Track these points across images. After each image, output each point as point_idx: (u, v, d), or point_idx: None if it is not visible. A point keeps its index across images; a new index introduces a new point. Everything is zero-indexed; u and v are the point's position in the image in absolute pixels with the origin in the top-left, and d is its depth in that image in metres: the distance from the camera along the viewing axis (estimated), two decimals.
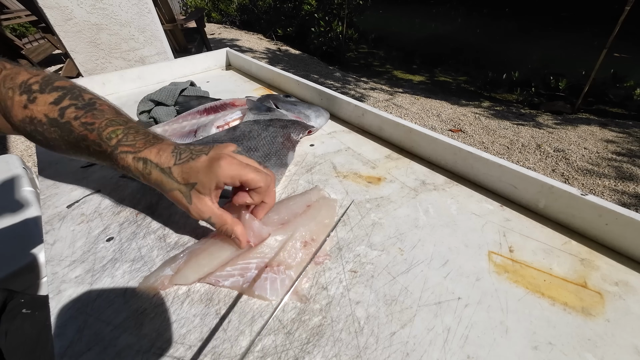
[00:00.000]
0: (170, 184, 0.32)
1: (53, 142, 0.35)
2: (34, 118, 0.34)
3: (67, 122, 0.34)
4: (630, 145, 2.31)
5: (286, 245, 0.33)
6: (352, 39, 4.73)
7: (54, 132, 0.34)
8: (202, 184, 0.31)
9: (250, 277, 0.31)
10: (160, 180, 0.32)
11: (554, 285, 0.31)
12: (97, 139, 0.33)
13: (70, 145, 0.35)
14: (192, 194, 0.31)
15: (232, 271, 0.32)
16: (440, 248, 0.35)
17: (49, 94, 0.35)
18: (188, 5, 6.03)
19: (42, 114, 0.34)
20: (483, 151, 0.42)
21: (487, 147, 2.30)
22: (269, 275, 0.31)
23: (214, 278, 0.31)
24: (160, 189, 0.33)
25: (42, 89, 0.35)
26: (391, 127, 0.52)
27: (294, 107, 0.60)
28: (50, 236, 0.38)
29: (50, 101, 0.34)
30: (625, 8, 2.40)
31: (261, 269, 0.32)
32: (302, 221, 0.36)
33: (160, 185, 0.32)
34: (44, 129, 0.35)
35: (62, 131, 0.34)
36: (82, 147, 0.34)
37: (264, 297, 0.30)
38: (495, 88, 3.76)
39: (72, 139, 0.34)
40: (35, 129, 0.35)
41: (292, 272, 0.32)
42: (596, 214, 0.34)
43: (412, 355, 0.26)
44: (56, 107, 0.34)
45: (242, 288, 0.31)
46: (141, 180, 0.33)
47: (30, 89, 0.34)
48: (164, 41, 1.31)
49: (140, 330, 0.28)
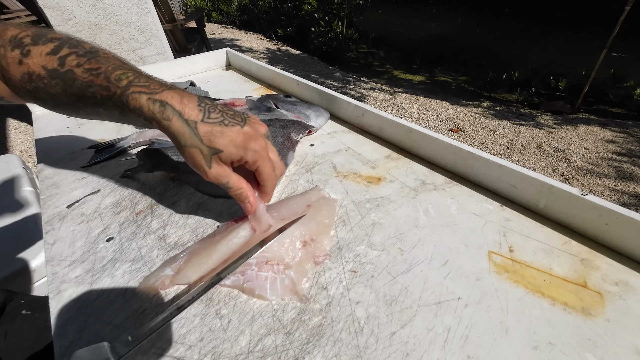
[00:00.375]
0: (192, 140, 0.29)
1: (57, 98, 0.32)
2: (32, 73, 0.31)
3: (69, 71, 0.31)
4: (630, 145, 2.31)
5: (284, 242, 0.34)
6: (352, 39, 4.73)
7: (56, 86, 0.31)
8: (227, 154, 0.30)
9: (250, 275, 0.31)
10: (180, 132, 0.29)
11: (554, 285, 0.31)
12: (104, 83, 0.30)
13: (75, 97, 0.32)
14: (214, 159, 0.30)
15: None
16: (440, 248, 0.35)
17: (44, 45, 0.32)
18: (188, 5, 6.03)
19: (40, 67, 0.31)
20: (483, 151, 0.42)
21: (487, 147, 2.30)
22: (269, 275, 0.31)
23: None
24: (175, 140, 0.30)
25: (35, 41, 0.32)
26: (391, 127, 0.52)
27: (294, 107, 0.60)
28: (50, 236, 0.38)
29: (46, 52, 0.31)
30: (625, 8, 2.40)
31: (261, 266, 0.32)
32: (302, 220, 0.36)
33: (179, 136, 0.29)
34: (44, 83, 0.31)
35: (64, 82, 0.31)
36: (87, 95, 0.31)
37: (264, 297, 0.30)
38: (495, 88, 3.76)
39: (75, 88, 0.31)
40: (37, 85, 0.32)
41: (292, 272, 0.32)
42: (596, 214, 0.34)
43: (412, 355, 0.26)
44: (54, 56, 0.31)
45: (243, 287, 0.31)
46: (153, 125, 0.30)
47: (22, 43, 0.31)
48: (164, 41, 1.31)
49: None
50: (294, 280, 0.31)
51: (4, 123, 2.32)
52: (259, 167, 0.32)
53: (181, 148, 0.30)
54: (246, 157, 0.31)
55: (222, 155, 0.30)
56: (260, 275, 0.31)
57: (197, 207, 0.41)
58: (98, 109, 0.32)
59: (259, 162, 0.31)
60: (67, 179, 0.48)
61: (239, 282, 0.31)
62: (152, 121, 0.30)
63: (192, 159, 0.30)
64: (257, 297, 0.31)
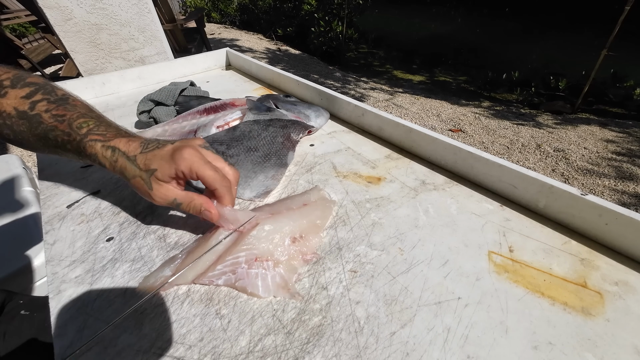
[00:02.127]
0: (133, 170, 0.32)
1: (20, 136, 0.36)
2: (2, 112, 0.34)
3: (37, 115, 0.34)
4: (630, 145, 2.31)
5: (274, 238, 0.34)
6: (352, 39, 4.73)
7: (22, 125, 0.35)
8: (161, 170, 0.31)
9: (241, 273, 0.32)
10: (124, 167, 0.32)
11: (554, 285, 0.31)
12: (66, 129, 0.34)
13: (38, 137, 0.35)
14: (152, 180, 0.32)
15: (223, 268, 0.32)
16: (440, 248, 0.35)
17: (21, 89, 0.35)
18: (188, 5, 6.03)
19: (12, 107, 0.34)
20: (483, 151, 0.42)
21: (487, 147, 2.30)
22: (259, 272, 0.32)
23: (207, 279, 0.31)
24: (124, 177, 0.33)
25: (13, 84, 0.35)
26: (391, 127, 0.52)
27: (294, 107, 0.60)
28: (50, 236, 0.38)
29: (21, 95, 0.35)
30: (625, 8, 2.40)
31: (251, 263, 0.32)
32: (293, 216, 0.36)
33: (124, 172, 0.32)
34: (12, 122, 0.35)
35: (31, 123, 0.34)
36: (49, 138, 0.34)
37: (256, 294, 0.30)
38: (495, 88, 3.76)
39: (40, 131, 0.34)
40: (4, 122, 0.35)
41: (282, 269, 0.32)
42: (596, 213, 0.34)
43: (412, 355, 0.26)
44: (27, 100, 0.35)
45: (235, 286, 0.31)
46: (107, 168, 0.33)
47: (1, 84, 0.35)
48: (164, 41, 1.31)
49: (140, 330, 0.28)
50: (284, 277, 0.32)
51: None
52: (197, 172, 0.31)
53: (129, 181, 0.33)
54: (179, 167, 0.31)
55: (157, 174, 0.31)
56: (251, 273, 0.32)
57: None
58: (57, 150, 0.36)
59: (194, 167, 0.31)
60: (67, 179, 0.48)
61: (231, 281, 0.31)
62: (105, 164, 0.33)
63: (138, 187, 0.33)
64: (250, 295, 0.31)
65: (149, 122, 0.60)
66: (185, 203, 0.32)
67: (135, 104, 0.62)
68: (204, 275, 0.32)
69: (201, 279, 0.32)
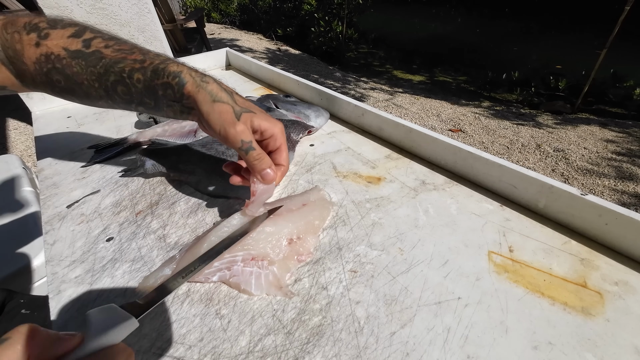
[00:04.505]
0: (227, 98, 0.31)
1: (74, 78, 0.32)
2: (51, 54, 0.31)
3: (96, 52, 0.31)
4: (630, 145, 2.31)
5: (272, 239, 0.34)
6: (352, 39, 4.73)
7: (76, 66, 0.31)
8: (259, 117, 0.32)
9: (236, 270, 0.32)
10: (215, 92, 0.31)
11: (554, 285, 0.31)
12: (139, 57, 0.31)
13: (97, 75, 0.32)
14: (243, 117, 0.31)
15: (220, 265, 0.32)
16: (440, 248, 0.35)
17: (64, 29, 0.32)
18: (188, 5, 6.03)
19: (60, 48, 0.31)
20: (483, 151, 0.42)
21: (487, 147, 2.30)
22: (254, 270, 0.32)
23: (204, 276, 0.32)
24: (206, 98, 0.30)
25: (52, 26, 0.32)
26: (391, 127, 0.52)
27: (294, 107, 0.60)
28: (50, 236, 0.38)
29: (67, 35, 0.31)
30: (625, 8, 2.40)
31: (247, 262, 0.32)
32: (293, 218, 0.36)
33: (213, 94, 0.31)
34: (62, 64, 0.31)
35: (88, 61, 0.31)
36: (113, 71, 0.31)
37: (249, 292, 0.31)
38: (495, 88, 3.76)
39: (100, 67, 0.31)
40: (53, 66, 0.31)
41: (275, 268, 0.32)
42: (596, 213, 0.34)
43: (412, 355, 0.26)
44: (77, 39, 0.31)
45: (229, 282, 0.31)
46: (185, 88, 0.31)
47: (38, 27, 0.31)
48: (164, 41, 1.31)
49: (140, 330, 0.28)
50: (277, 276, 0.32)
51: (3, 123, 2.32)
52: (282, 144, 0.34)
53: (210, 104, 0.30)
54: (275, 129, 0.33)
55: (254, 118, 0.32)
56: (246, 270, 0.32)
57: (197, 207, 0.41)
58: (117, 85, 0.32)
59: (282, 140, 0.34)
60: (67, 179, 0.48)
61: (226, 277, 0.32)
62: (187, 83, 0.30)
63: (221, 112, 0.30)
64: (242, 292, 0.31)
65: (149, 122, 0.60)
66: (258, 152, 0.32)
67: None
68: (200, 272, 0.32)
69: (197, 277, 0.32)
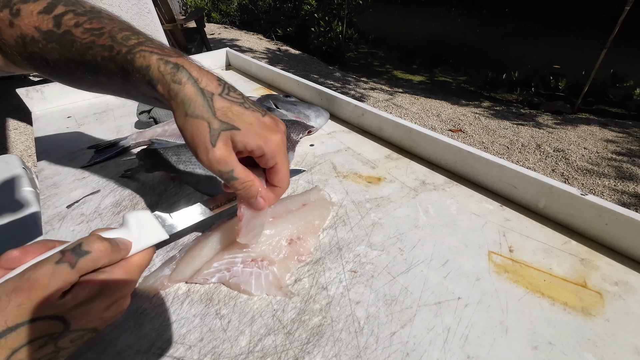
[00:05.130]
0: (202, 110, 0.24)
1: (56, 66, 0.28)
2: (25, 36, 0.26)
3: (66, 32, 0.26)
4: (630, 145, 2.31)
5: (272, 241, 0.34)
6: (352, 39, 4.73)
7: (52, 50, 0.27)
8: (244, 138, 0.25)
9: (236, 271, 0.32)
10: (190, 99, 0.24)
11: (554, 285, 0.31)
12: (107, 42, 0.25)
13: (74, 63, 0.27)
14: (221, 139, 0.24)
15: (219, 266, 0.32)
16: (440, 248, 0.35)
17: (35, 3, 0.27)
18: (188, 5, 6.03)
19: (33, 28, 0.26)
20: (483, 151, 0.42)
21: (487, 147, 2.30)
22: (253, 270, 0.32)
23: (202, 277, 0.32)
24: (179, 110, 0.24)
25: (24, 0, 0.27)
26: (391, 127, 0.52)
27: (294, 107, 0.60)
28: (50, 236, 0.38)
29: (38, 10, 0.26)
30: (625, 8, 2.40)
31: (246, 262, 0.32)
32: (292, 219, 0.36)
33: (187, 104, 0.24)
34: (39, 48, 0.27)
35: (62, 45, 0.26)
36: (87, 59, 0.26)
37: (249, 292, 0.31)
38: (495, 88, 3.75)
39: (74, 52, 0.26)
40: (32, 50, 0.27)
41: (275, 268, 0.32)
42: (596, 213, 0.34)
43: (412, 355, 0.26)
44: (48, 16, 0.26)
45: (229, 283, 0.31)
46: (158, 90, 0.25)
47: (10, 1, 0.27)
48: (164, 41, 1.31)
49: (140, 330, 0.28)
50: (277, 276, 0.32)
51: (3, 123, 2.32)
52: (277, 164, 0.27)
53: (183, 119, 0.24)
54: (265, 148, 0.25)
55: (236, 136, 0.25)
56: (245, 271, 0.32)
57: None
58: (99, 77, 0.28)
59: (278, 158, 0.26)
60: (67, 179, 0.48)
61: (225, 278, 0.32)
62: (158, 84, 0.24)
63: (193, 133, 0.24)
64: (243, 292, 0.31)
65: (149, 122, 0.60)
66: (242, 180, 0.26)
67: (135, 104, 0.62)
68: (199, 272, 0.32)
69: (195, 278, 0.32)
